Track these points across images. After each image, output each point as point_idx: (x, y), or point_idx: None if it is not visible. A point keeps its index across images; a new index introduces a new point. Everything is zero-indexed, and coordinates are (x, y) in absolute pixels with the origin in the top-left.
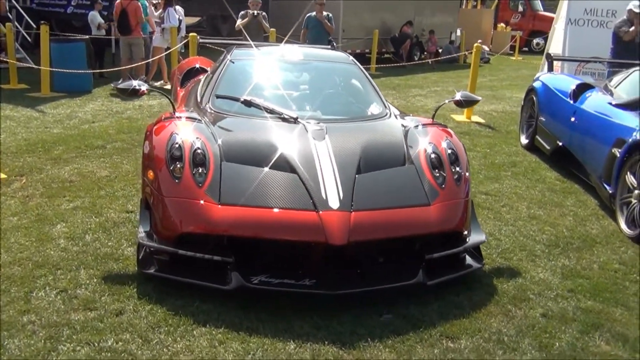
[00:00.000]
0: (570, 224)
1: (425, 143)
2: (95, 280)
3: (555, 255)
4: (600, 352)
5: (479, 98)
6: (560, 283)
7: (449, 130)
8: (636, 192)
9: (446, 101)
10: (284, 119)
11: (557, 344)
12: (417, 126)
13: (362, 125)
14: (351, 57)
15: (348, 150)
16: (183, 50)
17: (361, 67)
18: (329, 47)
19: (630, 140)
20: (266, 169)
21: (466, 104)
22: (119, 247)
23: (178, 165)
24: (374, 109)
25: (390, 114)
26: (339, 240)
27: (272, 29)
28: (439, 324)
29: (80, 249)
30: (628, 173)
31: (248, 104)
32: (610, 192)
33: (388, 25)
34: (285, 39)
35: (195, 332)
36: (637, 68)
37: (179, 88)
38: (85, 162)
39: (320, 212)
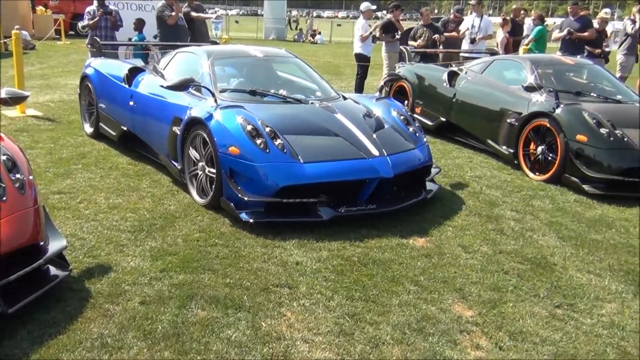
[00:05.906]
0: (149, 206)
1: None
2: None
3: (142, 240)
4: (199, 320)
5: (27, 93)
6: (151, 266)
7: (0, 133)
8: (200, 164)
9: None
10: None
11: (159, 326)
12: None
13: None
14: None
15: None
16: None
17: None
18: None
19: (185, 117)
20: None
21: (13, 101)
22: None
23: None
24: None
25: None
26: None
27: None
28: (32, 353)
29: None
30: (190, 148)
31: None
32: (179, 167)
33: None
34: None
35: None
36: (175, 48)
37: None
38: None
39: None
